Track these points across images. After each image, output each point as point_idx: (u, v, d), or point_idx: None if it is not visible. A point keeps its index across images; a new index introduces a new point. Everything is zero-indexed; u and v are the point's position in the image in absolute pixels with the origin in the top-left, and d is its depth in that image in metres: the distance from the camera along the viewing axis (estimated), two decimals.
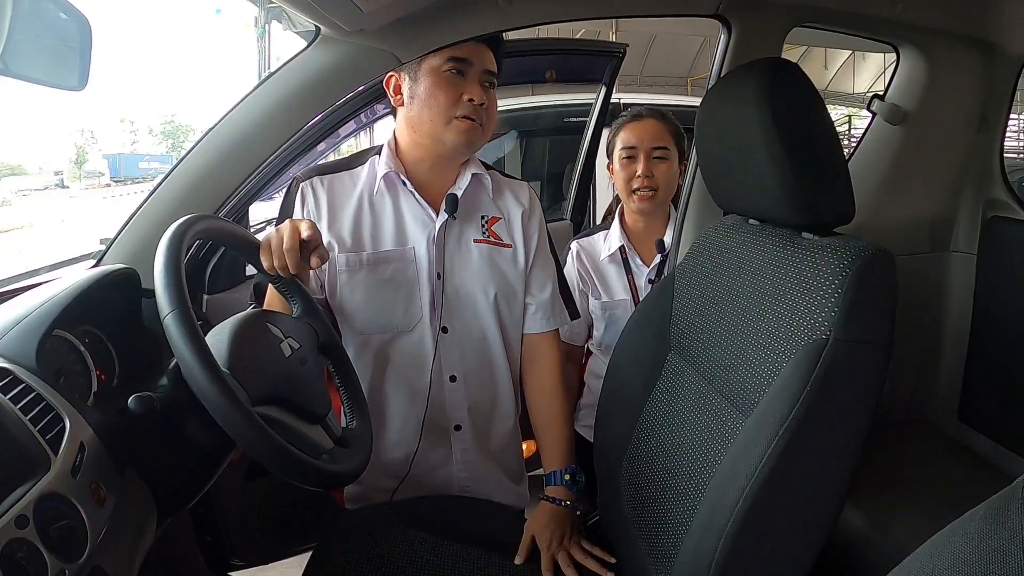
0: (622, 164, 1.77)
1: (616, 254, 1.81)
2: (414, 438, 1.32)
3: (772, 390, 0.90)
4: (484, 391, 1.37)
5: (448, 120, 1.25)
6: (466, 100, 1.25)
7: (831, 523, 0.88)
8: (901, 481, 1.51)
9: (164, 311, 0.83)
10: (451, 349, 1.32)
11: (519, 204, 1.39)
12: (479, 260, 1.32)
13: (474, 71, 1.26)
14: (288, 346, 1.01)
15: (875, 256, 0.88)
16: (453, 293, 1.31)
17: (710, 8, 1.42)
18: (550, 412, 1.39)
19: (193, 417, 0.88)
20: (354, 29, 1.20)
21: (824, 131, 0.99)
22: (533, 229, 1.39)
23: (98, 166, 33.19)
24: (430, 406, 1.32)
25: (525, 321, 1.39)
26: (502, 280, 1.34)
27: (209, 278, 1.58)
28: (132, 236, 1.25)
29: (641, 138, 1.75)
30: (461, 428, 1.36)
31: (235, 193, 1.30)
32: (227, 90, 48.38)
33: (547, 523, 1.27)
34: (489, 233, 1.34)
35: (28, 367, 0.84)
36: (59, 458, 0.75)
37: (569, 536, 1.27)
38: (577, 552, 1.25)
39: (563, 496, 1.31)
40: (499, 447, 1.42)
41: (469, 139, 1.27)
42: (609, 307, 1.80)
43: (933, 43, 1.60)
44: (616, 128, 1.82)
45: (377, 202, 1.31)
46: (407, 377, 1.32)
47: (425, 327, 1.30)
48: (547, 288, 1.39)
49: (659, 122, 1.77)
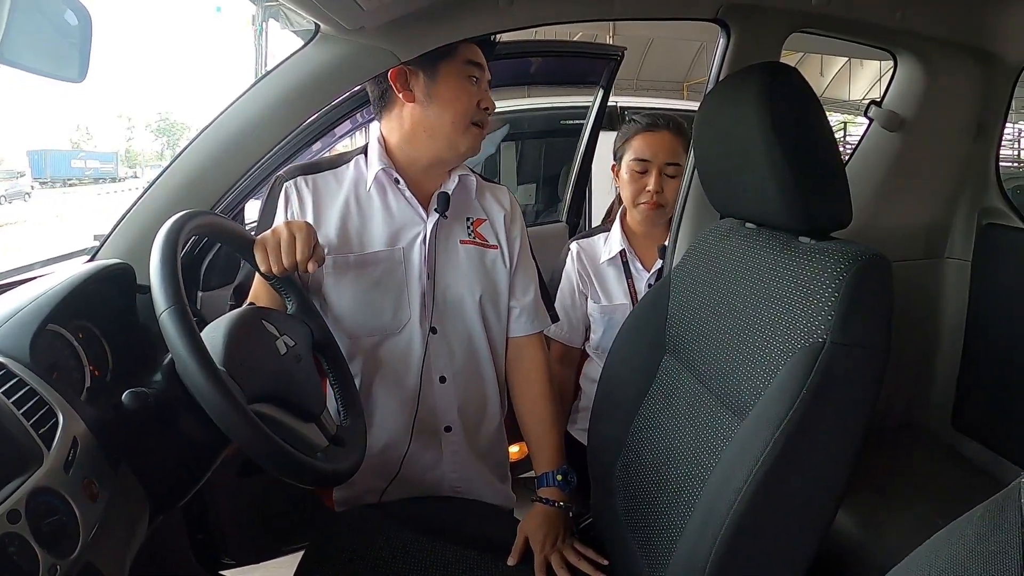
0: (632, 176, 1.74)
1: (616, 258, 1.79)
2: (404, 439, 1.32)
3: (768, 393, 0.90)
4: (473, 391, 1.37)
5: (467, 126, 1.26)
6: (483, 108, 1.26)
7: (826, 527, 0.89)
8: (895, 486, 1.52)
9: (160, 307, 0.82)
10: (440, 350, 1.32)
11: (501, 207, 1.39)
12: (466, 261, 1.32)
13: (485, 76, 1.27)
14: (283, 343, 1.01)
15: (872, 261, 0.88)
16: (442, 294, 1.30)
17: (710, 12, 1.42)
18: (539, 415, 1.38)
19: (187, 414, 0.87)
20: (354, 27, 1.20)
21: (823, 135, 0.99)
22: (516, 232, 1.39)
23: (19, 165, 27.11)
24: (420, 407, 1.31)
25: (510, 324, 1.39)
26: (488, 281, 1.34)
27: (204, 275, 1.57)
28: (127, 231, 1.24)
29: (655, 152, 1.72)
30: (452, 429, 1.36)
31: (231, 190, 1.30)
32: (225, 88, 48.29)
33: (540, 524, 1.27)
34: (475, 234, 1.34)
35: (22, 361, 0.83)
36: (52, 453, 0.74)
37: (563, 537, 1.27)
38: (570, 554, 1.24)
39: (556, 497, 1.31)
40: (487, 447, 1.42)
41: (478, 146, 1.29)
42: (608, 311, 1.78)
43: (931, 51, 1.61)
44: (629, 134, 1.77)
45: (365, 202, 1.30)
46: (397, 378, 1.32)
47: (414, 328, 1.29)
48: (530, 291, 1.40)
49: (675, 136, 1.73)
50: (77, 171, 26.30)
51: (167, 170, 1.26)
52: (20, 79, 0.78)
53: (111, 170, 30.83)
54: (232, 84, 60.70)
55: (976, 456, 1.68)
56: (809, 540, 0.89)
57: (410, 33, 1.23)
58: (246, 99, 1.26)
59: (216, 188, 1.27)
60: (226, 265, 1.62)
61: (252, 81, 1.28)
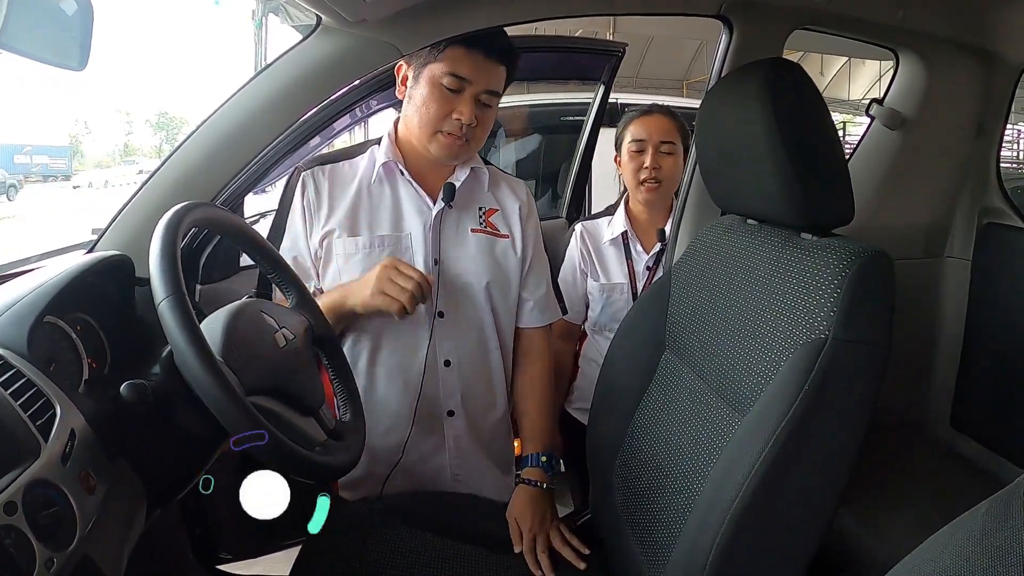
0: (631, 156, 1.86)
1: (618, 238, 1.90)
2: (407, 424, 1.33)
3: (770, 389, 0.90)
4: (477, 377, 1.39)
5: (432, 133, 1.27)
6: (454, 119, 1.26)
7: (828, 523, 0.89)
8: (893, 485, 1.52)
9: (159, 297, 0.81)
10: (446, 334, 1.34)
11: (516, 199, 1.41)
12: (476, 249, 1.35)
13: (472, 89, 1.26)
14: (283, 336, 1.00)
15: (875, 257, 0.88)
16: (451, 281, 1.33)
17: (712, 8, 1.42)
18: (536, 402, 1.42)
19: (185, 407, 0.86)
20: (356, 19, 1.19)
21: (826, 132, 0.99)
22: (531, 226, 1.42)
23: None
24: (423, 391, 1.33)
25: (522, 316, 1.43)
26: (498, 269, 1.37)
27: (203, 268, 1.57)
28: (126, 223, 1.23)
29: (650, 132, 1.84)
30: (454, 414, 1.37)
31: (231, 183, 1.29)
32: (223, 84, 47.97)
33: (525, 505, 1.30)
34: (487, 224, 1.37)
35: (19, 352, 0.82)
36: (49, 445, 0.73)
37: (549, 520, 1.29)
38: (556, 537, 1.26)
39: (538, 478, 1.34)
40: (490, 437, 1.43)
41: (451, 153, 1.30)
42: (607, 289, 1.89)
43: (933, 50, 1.61)
44: (626, 122, 1.91)
45: (375, 190, 1.34)
46: (402, 362, 1.33)
47: (420, 311, 1.30)
48: (543, 285, 1.44)
49: (667, 118, 1.87)
50: (21, 167, 22.21)
51: (167, 162, 1.26)
52: (20, 71, 0.77)
53: (63, 167, 26.08)
54: (231, 80, 60.49)
55: (974, 455, 1.68)
56: (810, 536, 0.89)
57: (412, 26, 1.22)
58: (247, 91, 1.25)
59: (216, 181, 1.26)
60: (225, 259, 1.61)
61: (252, 74, 1.28)
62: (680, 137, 1.85)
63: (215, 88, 46.78)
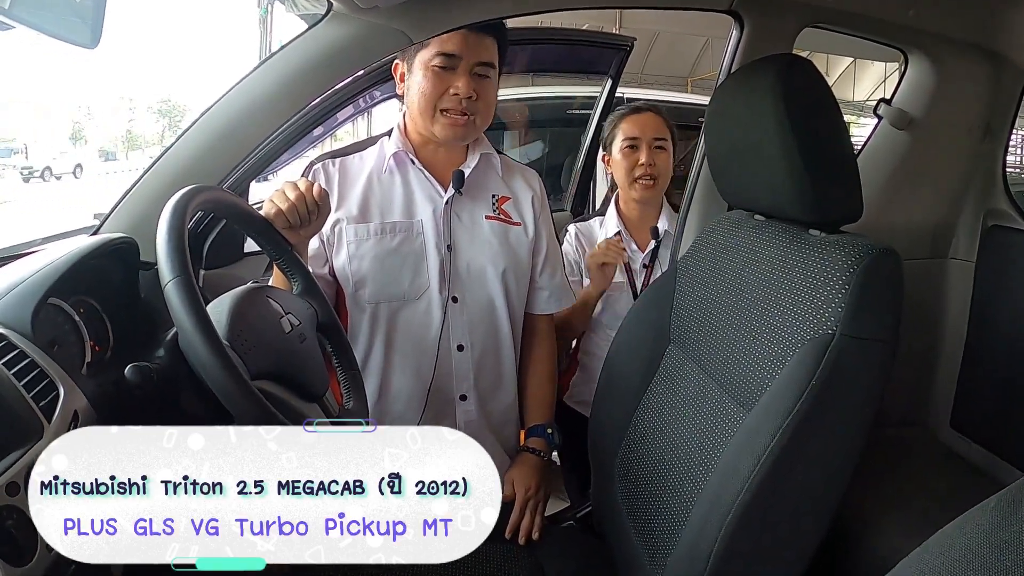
0: (624, 154, 1.84)
1: (613, 238, 1.87)
2: (419, 408, 1.35)
3: (776, 384, 0.90)
4: (490, 362, 1.41)
5: (433, 114, 1.29)
6: (452, 94, 1.28)
7: (831, 518, 0.89)
8: (893, 485, 1.52)
9: (166, 278, 0.81)
10: (460, 318, 1.36)
11: (529, 188, 1.44)
12: (490, 235, 1.37)
13: (464, 63, 1.28)
14: (288, 322, 0.99)
15: (883, 255, 0.88)
16: (464, 266, 1.35)
17: (724, 4, 1.41)
18: (540, 377, 1.47)
19: (189, 390, 0.87)
20: (368, 6, 1.18)
21: (836, 128, 0.99)
22: (545, 216, 1.45)
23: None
24: (436, 375, 1.35)
25: (537, 303, 1.46)
26: (511, 256, 1.39)
27: (207, 254, 1.56)
28: (131, 206, 1.23)
29: (643, 129, 1.82)
30: (466, 399, 1.39)
31: (237, 168, 1.29)
32: (228, 72, 47.77)
33: (528, 471, 1.35)
34: (499, 211, 1.40)
35: (23, 333, 0.82)
36: (52, 426, 0.74)
37: (545, 488, 1.35)
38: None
39: (542, 447, 1.40)
40: (500, 421, 1.45)
41: (457, 133, 1.31)
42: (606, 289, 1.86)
43: (942, 50, 1.60)
44: (616, 120, 1.89)
45: (386, 179, 1.36)
46: (415, 346, 1.35)
47: (433, 296, 1.33)
48: (558, 273, 1.48)
49: (657, 115, 1.86)
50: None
51: (173, 146, 1.25)
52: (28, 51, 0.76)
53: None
54: (235, 68, 60.14)
55: (975, 457, 1.68)
56: (814, 531, 0.89)
57: (423, 14, 1.22)
58: (255, 76, 1.24)
59: (222, 166, 1.25)
60: (229, 245, 1.61)
61: (260, 61, 1.27)
62: (670, 133, 1.85)
63: (218, 77, 46.49)
